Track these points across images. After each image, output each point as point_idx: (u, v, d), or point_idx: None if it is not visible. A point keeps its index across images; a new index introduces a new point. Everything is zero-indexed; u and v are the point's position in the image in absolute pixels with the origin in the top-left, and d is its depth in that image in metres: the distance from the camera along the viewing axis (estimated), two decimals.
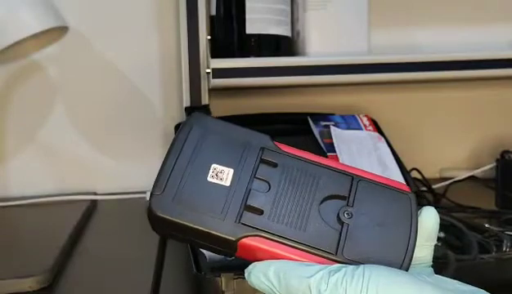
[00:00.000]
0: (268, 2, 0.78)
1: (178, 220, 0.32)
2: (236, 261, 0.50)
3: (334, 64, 0.79)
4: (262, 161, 0.35)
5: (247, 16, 0.78)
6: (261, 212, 0.33)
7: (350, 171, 0.36)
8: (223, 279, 0.45)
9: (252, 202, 0.33)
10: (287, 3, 0.81)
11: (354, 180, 0.35)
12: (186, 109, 0.80)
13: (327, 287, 0.30)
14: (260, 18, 0.78)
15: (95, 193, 0.85)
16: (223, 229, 0.32)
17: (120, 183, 0.89)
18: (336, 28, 0.80)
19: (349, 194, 0.35)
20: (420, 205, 0.35)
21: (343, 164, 0.37)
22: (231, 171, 0.34)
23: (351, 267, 0.31)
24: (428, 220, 0.34)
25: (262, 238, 0.32)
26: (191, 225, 0.32)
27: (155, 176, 0.34)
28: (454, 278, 0.32)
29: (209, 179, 0.34)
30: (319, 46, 0.80)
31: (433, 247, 0.35)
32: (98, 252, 0.63)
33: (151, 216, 0.33)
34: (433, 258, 0.35)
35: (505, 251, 0.53)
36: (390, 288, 0.29)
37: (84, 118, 0.89)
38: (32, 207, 0.80)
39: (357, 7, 0.81)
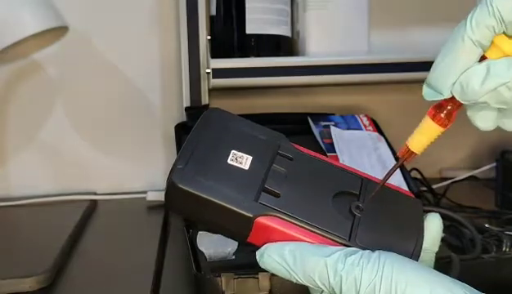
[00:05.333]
0: (268, 2, 0.78)
1: (198, 193, 0.33)
2: (236, 261, 0.50)
3: (334, 64, 0.78)
4: (279, 154, 0.37)
5: (247, 16, 0.78)
6: (278, 196, 0.34)
7: (360, 174, 0.38)
8: (223, 279, 0.45)
9: (270, 186, 0.34)
10: (287, 3, 0.81)
11: (364, 181, 0.37)
12: (186, 109, 0.80)
13: (344, 267, 0.30)
14: (260, 18, 0.78)
15: (95, 193, 0.85)
16: (242, 205, 0.33)
17: (120, 183, 0.89)
18: (336, 28, 0.80)
19: (360, 193, 0.36)
20: (424, 210, 0.37)
21: (353, 168, 0.39)
22: (250, 157, 0.36)
23: (367, 251, 0.31)
24: (433, 225, 0.35)
25: (278, 219, 0.33)
26: (211, 199, 0.33)
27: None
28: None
29: (229, 161, 0.35)
30: (319, 46, 0.80)
31: (434, 254, 0.35)
32: (98, 252, 0.63)
33: (172, 187, 0.33)
34: (437, 258, 0.35)
35: (505, 251, 0.53)
36: (404, 272, 0.30)
37: (84, 118, 0.89)
38: (32, 207, 0.80)
39: (357, 7, 0.81)
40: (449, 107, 0.33)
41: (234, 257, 0.51)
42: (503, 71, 0.29)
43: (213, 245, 0.51)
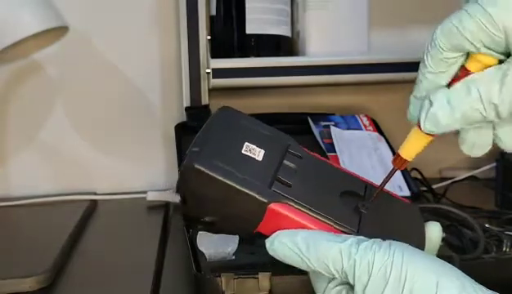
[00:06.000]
0: (268, 2, 0.78)
1: (215, 175, 0.33)
2: (236, 261, 0.50)
3: (334, 64, 0.79)
4: (289, 152, 0.38)
5: (247, 16, 0.78)
6: (289, 186, 0.35)
7: (365, 180, 0.39)
8: (223, 279, 0.45)
9: (282, 176, 0.35)
10: (287, 3, 0.81)
11: (368, 186, 0.38)
12: (186, 109, 0.80)
13: (357, 252, 0.31)
14: (260, 18, 0.78)
15: (95, 193, 0.85)
16: (257, 190, 0.34)
17: (120, 183, 0.89)
18: (336, 28, 0.80)
19: (364, 195, 0.37)
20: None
21: (358, 174, 0.40)
22: (263, 151, 0.36)
23: (378, 239, 0.32)
24: (434, 233, 0.37)
25: (290, 207, 0.34)
26: (227, 181, 0.33)
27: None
28: None
29: (243, 152, 0.36)
30: (319, 46, 0.80)
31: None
32: (98, 252, 0.63)
33: (188, 168, 0.33)
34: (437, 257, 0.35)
35: (505, 251, 0.53)
36: (414, 260, 0.30)
37: (84, 117, 0.89)
38: (32, 207, 0.80)
39: (357, 7, 0.81)
40: None
41: (234, 257, 0.51)
42: (461, 99, 0.31)
43: (213, 245, 0.51)
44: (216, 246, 0.51)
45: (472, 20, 0.30)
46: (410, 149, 0.35)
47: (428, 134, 0.34)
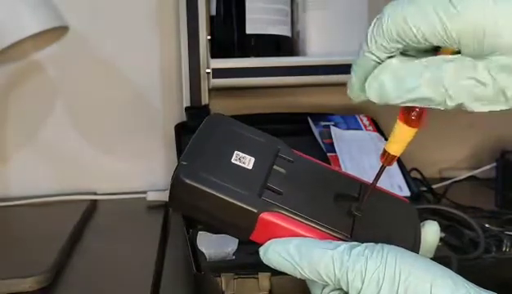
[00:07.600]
0: (268, 2, 0.78)
1: (204, 188, 0.33)
2: (236, 261, 0.50)
3: (334, 64, 0.78)
4: (280, 157, 0.38)
5: (247, 16, 0.78)
6: (280, 194, 0.35)
7: (359, 180, 0.39)
8: (223, 279, 0.45)
9: (272, 184, 0.35)
10: (287, 3, 0.81)
11: (362, 186, 0.38)
12: (186, 109, 0.80)
13: (349, 258, 0.31)
14: (260, 18, 0.78)
15: (95, 193, 0.85)
16: (246, 200, 0.33)
17: (120, 183, 0.89)
18: (336, 28, 0.80)
19: (359, 196, 0.37)
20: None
21: (352, 174, 0.40)
22: (253, 158, 0.36)
23: (370, 243, 0.32)
24: (431, 232, 0.37)
25: (282, 215, 0.34)
26: (216, 194, 0.33)
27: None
28: None
29: (233, 161, 0.36)
30: (319, 46, 0.80)
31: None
32: (98, 252, 0.63)
33: (178, 183, 0.34)
34: (437, 258, 0.35)
35: (505, 251, 0.53)
36: (407, 263, 0.30)
37: (84, 117, 0.89)
38: (32, 207, 0.80)
39: (357, 7, 0.81)
40: (417, 109, 0.33)
41: (234, 257, 0.51)
42: (415, 80, 0.31)
43: (213, 245, 0.51)
44: (216, 246, 0.51)
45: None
46: (397, 143, 0.35)
47: (410, 126, 0.33)
